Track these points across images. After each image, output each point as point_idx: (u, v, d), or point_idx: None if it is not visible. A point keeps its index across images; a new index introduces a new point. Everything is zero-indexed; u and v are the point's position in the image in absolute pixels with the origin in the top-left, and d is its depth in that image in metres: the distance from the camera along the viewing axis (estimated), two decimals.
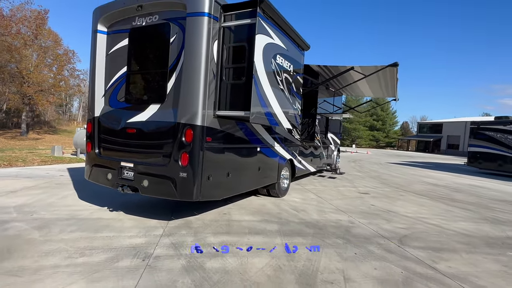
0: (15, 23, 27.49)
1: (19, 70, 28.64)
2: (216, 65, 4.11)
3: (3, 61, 28.18)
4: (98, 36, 4.78)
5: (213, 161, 4.20)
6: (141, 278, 2.83)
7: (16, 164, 9.84)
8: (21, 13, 28.27)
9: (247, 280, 2.92)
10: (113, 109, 4.73)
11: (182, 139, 3.92)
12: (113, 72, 4.75)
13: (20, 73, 28.88)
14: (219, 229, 4.40)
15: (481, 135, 17.44)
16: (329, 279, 3.04)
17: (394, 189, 9.27)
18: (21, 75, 28.89)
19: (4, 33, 26.85)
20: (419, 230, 5.00)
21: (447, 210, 6.64)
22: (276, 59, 4.60)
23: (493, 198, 8.74)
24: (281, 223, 4.87)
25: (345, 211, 5.94)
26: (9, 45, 27.10)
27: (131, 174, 4.33)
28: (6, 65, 28.64)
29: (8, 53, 27.42)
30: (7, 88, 32.05)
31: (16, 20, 27.64)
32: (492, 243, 4.54)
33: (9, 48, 27.21)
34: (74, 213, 4.76)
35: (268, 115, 4.45)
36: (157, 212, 5.07)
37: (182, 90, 3.95)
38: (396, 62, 6.12)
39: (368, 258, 3.67)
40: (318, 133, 8.72)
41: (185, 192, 3.94)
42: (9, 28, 27.04)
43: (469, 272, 3.43)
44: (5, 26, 26.88)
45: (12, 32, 27.14)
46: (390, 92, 9.35)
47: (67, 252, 3.31)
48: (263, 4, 3.94)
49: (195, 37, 3.87)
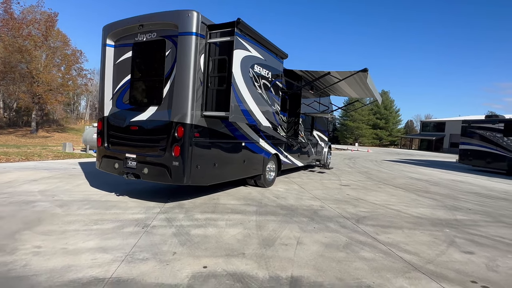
0: (26, 25, 28.64)
1: (29, 70, 29.80)
2: (203, 74, 5.02)
3: (14, 62, 29.44)
4: (107, 49, 5.72)
5: (201, 153, 5.11)
6: (140, 238, 3.76)
7: (33, 159, 10.90)
8: (31, 15, 29.42)
9: (220, 242, 3.83)
10: (119, 110, 5.67)
11: (175, 134, 4.83)
12: (119, 79, 5.68)
13: (30, 73, 30.02)
14: (206, 209, 5.32)
15: (471, 133, 18.09)
16: (285, 243, 3.93)
17: (376, 182, 10.09)
18: (31, 75, 30.03)
19: (16, 35, 28.07)
20: (378, 213, 5.85)
21: (414, 200, 7.46)
22: (254, 68, 5.49)
23: (466, 190, 9.51)
24: (260, 206, 5.76)
25: (321, 199, 6.81)
26: (20, 46, 28.28)
27: (134, 164, 5.26)
28: (17, 65, 29.91)
29: (19, 54, 28.61)
30: (18, 87, 33.44)
31: (27, 22, 28.79)
32: (436, 223, 5.37)
33: (20, 49, 28.39)
34: (87, 197, 5.72)
35: (246, 115, 5.35)
36: (156, 196, 6.01)
37: (174, 95, 4.87)
38: (366, 68, 6.94)
39: (324, 231, 4.54)
40: (302, 131, 9.58)
41: (177, 178, 4.86)
42: (21, 30, 28.25)
43: (402, 241, 4.28)
44: (17, 29, 28.07)
45: (23, 34, 28.31)
46: (371, 94, 10.16)
47: (84, 222, 4.26)
48: (240, 25, 4.83)
49: (185, 52, 4.78)
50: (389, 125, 65.55)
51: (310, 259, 3.44)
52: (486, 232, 4.99)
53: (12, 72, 30.16)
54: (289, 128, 8.75)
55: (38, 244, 3.41)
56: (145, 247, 3.50)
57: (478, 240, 4.53)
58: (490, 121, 17.21)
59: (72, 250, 3.31)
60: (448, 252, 3.97)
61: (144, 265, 3.06)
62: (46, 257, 3.12)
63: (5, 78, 31.85)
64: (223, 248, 3.64)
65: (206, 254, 3.43)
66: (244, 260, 3.33)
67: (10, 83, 32.60)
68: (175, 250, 3.49)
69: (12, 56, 28.47)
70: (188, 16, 4.75)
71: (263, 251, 3.59)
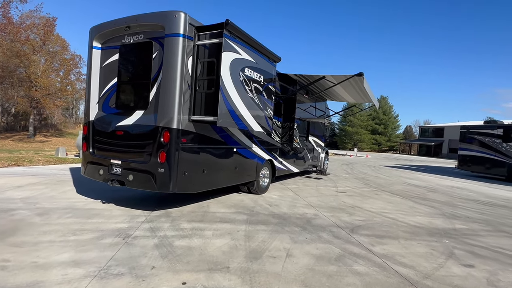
0: (24, 29, 28.57)
1: (28, 74, 29.70)
2: (191, 77, 4.83)
3: (13, 66, 29.38)
4: (94, 51, 5.54)
5: (189, 159, 4.90)
6: (119, 251, 3.53)
7: (23, 164, 10.66)
8: (30, 20, 29.39)
9: (204, 254, 3.60)
10: (105, 114, 5.47)
11: (161, 140, 4.63)
12: (106, 82, 5.50)
13: (28, 77, 29.92)
14: (194, 218, 5.09)
15: (470, 139, 17.94)
16: (274, 255, 3.70)
17: (373, 189, 9.87)
18: (29, 79, 29.93)
19: (14, 39, 27.98)
20: (374, 222, 5.63)
21: (412, 207, 7.24)
22: (244, 71, 5.31)
23: (464, 197, 9.30)
24: (251, 215, 5.53)
25: (315, 207, 6.58)
26: (18, 50, 28.22)
27: (119, 170, 5.04)
28: (15, 69, 29.82)
29: (17, 58, 28.53)
30: (16, 91, 33.32)
31: (25, 26, 28.74)
32: (434, 233, 5.15)
33: (18, 53, 28.33)
34: (71, 204, 5.49)
35: (236, 120, 5.15)
36: (144, 204, 5.78)
37: (160, 98, 4.68)
38: (361, 72, 6.78)
39: (316, 241, 4.32)
40: (298, 136, 9.38)
41: (163, 185, 4.64)
42: (19, 34, 28.17)
43: (398, 253, 4.06)
44: (15, 33, 27.99)
45: (21, 38, 28.24)
46: (368, 99, 10.00)
47: (61, 232, 4.03)
48: (229, 26, 4.66)
49: (171, 54, 4.60)
50: (388, 130, 65.44)
51: (299, 274, 3.22)
52: (486, 243, 4.76)
53: (10, 76, 30.08)
54: (284, 133, 8.55)
55: (6, 257, 3.18)
56: (122, 261, 3.27)
57: (478, 252, 4.31)
58: (489, 126, 17.07)
59: (42, 264, 3.08)
60: (446, 265, 3.74)
61: (117, 281, 2.83)
62: (13, 272, 2.89)
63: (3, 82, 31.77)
64: (206, 261, 3.41)
65: (188, 268, 3.20)
66: (227, 275, 3.10)
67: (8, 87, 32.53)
68: (154, 263, 3.26)
69: (10, 61, 28.41)
70: (175, 17, 4.58)
71: (249, 265, 3.37)
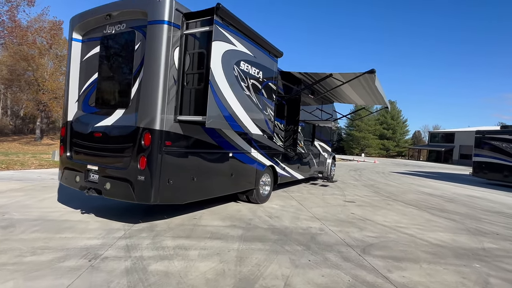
0: (31, 33, 28.61)
1: (35, 78, 29.73)
2: (178, 71, 4.21)
3: (20, 70, 29.48)
4: (74, 44, 4.99)
5: (174, 165, 4.26)
6: (78, 278, 2.89)
7: (14, 168, 10.19)
8: (38, 24, 29.44)
9: (183, 283, 2.93)
10: (85, 113, 4.89)
11: (141, 142, 4.00)
12: (87, 78, 4.92)
13: (36, 80, 29.91)
14: (181, 233, 4.43)
15: (486, 144, 16.96)
16: (268, 285, 3.02)
17: (384, 198, 9.09)
18: (37, 83, 29.92)
19: (21, 42, 28.01)
20: (389, 239, 4.89)
21: (429, 220, 6.46)
22: (240, 65, 4.67)
23: (486, 209, 8.45)
24: (247, 229, 4.85)
25: (320, 219, 5.87)
26: (26, 54, 28.27)
27: (96, 177, 4.43)
28: (23, 73, 29.90)
29: (25, 62, 28.57)
30: (24, 95, 33.37)
31: (33, 30, 28.78)
32: (461, 254, 4.39)
33: (25, 57, 28.37)
34: (44, 215, 4.89)
35: (230, 120, 4.50)
36: (128, 215, 5.15)
37: (141, 95, 4.07)
38: (373, 69, 6.10)
39: (321, 265, 3.61)
40: (302, 140, 8.68)
41: (143, 195, 4.01)
42: (25, 37, 28.21)
43: (421, 283, 3.33)
44: (21, 36, 28.03)
45: (28, 41, 28.27)
46: (379, 100, 9.26)
47: (19, 251, 3.41)
48: (220, 11, 4.03)
49: (154, 44, 3.99)
50: (396, 135, 64.06)
51: None
52: None
53: (18, 80, 30.15)
54: (287, 137, 7.87)
55: None
56: None
57: None
58: (507, 131, 16.10)
59: None
60: None
61: None
62: None
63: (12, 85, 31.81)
64: None
65: None
66: None
67: (17, 90, 32.60)
68: None
69: (18, 64, 28.47)
70: (159, 1, 3.98)
71: None
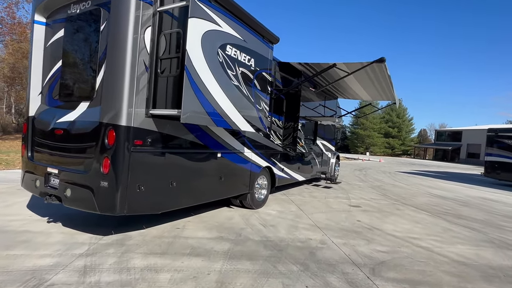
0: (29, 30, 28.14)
1: None
2: (150, 56, 3.52)
3: (22, 68, 29.11)
4: (36, 27, 4.32)
5: (146, 168, 3.57)
6: None
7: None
8: None
9: None
10: (48, 107, 4.22)
11: (105, 141, 3.33)
12: (51, 66, 4.25)
13: None
14: (156, 248, 3.75)
15: (499, 143, 16.07)
16: None
17: (393, 202, 8.34)
18: None
19: (20, 39, 27.59)
20: (402, 255, 4.17)
21: (447, 229, 5.71)
22: (226, 50, 3.95)
23: (505, 214, 7.67)
24: (236, 242, 4.16)
25: (322, 228, 5.16)
26: (26, 51, 27.86)
27: (56, 182, 3.77)
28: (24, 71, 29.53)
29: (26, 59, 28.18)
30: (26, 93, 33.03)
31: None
32: (491, 275, 3.66)
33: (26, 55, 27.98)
34: (3, 224, 4.24)
35: (213, 115, 3.79)
36: (102, 224, 4.46)
37: (105, 85, 3.39)
38: (383, 58, 5.35)
39: None
40: (303, 138, 7.96)
41: (106, 205, 3.33)
42: (24, 34, 27.79)
43: None
44: (20, 33, 27.60)
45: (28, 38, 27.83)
46: (388, 94, 8.49)
47: None
48: None
49: (119, 24, 3.31)
50: (401, 134, 62.83)
51: None
52: None
53: (20, 78, 29.79)
54: (286, 135, 7.16)
55: None
56: None
57: None
58: None
59: None
60: None
61: None
62: None
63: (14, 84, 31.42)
64: None
65: None
66: None
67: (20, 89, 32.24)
68: None
69: (19, 62, 28.09)
70: None
71: None
